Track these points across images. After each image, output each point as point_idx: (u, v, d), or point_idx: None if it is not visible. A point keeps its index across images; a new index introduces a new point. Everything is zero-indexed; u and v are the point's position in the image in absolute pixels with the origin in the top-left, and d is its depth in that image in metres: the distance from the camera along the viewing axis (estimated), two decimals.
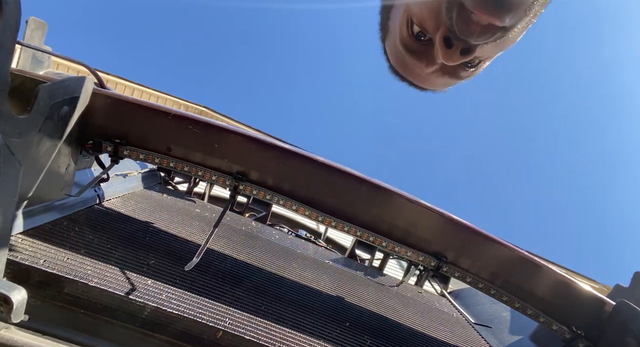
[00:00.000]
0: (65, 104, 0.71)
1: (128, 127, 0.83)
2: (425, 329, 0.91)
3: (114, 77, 4.55)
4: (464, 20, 0.48)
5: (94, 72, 0.98)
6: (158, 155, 0.84)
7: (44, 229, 0.70)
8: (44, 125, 0.65)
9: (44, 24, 1.21)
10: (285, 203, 0.84)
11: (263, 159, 0.83)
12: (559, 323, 0.87)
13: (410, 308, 1.01)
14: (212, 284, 0.72)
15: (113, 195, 0.98)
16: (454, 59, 0.52)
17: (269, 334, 0.63)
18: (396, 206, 0.85)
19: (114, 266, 0.66)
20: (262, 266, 0.90)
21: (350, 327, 0.77)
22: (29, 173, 0.66)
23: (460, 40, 0.50)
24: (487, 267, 0.87)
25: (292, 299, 0.79)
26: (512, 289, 0.87)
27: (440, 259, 0.85)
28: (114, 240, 0.75)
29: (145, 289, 0.62)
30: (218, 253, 0.87)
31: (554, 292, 0.87)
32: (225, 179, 0.84)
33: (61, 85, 0.68)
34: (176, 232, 0.90)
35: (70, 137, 0.76)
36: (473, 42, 0.50)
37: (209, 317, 0.61)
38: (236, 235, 1.05)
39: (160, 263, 0.73)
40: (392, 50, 0.62)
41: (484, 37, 0.49)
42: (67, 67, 3.46)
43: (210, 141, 0.82)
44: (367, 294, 0.99)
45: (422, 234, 0.85)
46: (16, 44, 0.50)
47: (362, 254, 1.55)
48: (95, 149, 0.85)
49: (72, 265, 0.62)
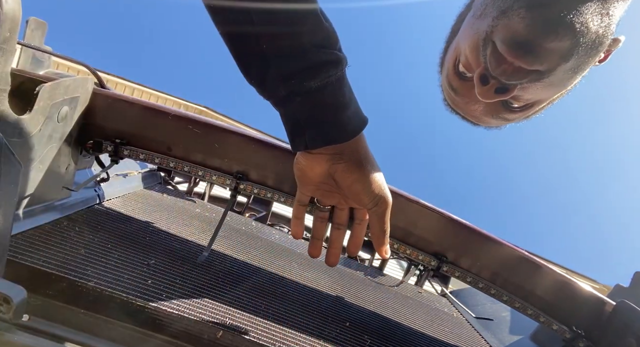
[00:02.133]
0: (65, 104, 0.71)
1: (128, 127, 0.83)
2: (425, 329, 0.91)
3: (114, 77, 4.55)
4: (496, 58, 0.48)
5: (94, 72, 0.98)
6: (158, 155, 0.84)
7: (44, 229, 0.70)
8: (44, 125, 0.66)
9: (44, 24, 1.21)
10: (285, 200, 0.84)
11: (263, 159, 0.83)
12: (559, 323, 0.87)
13: (410, 308, 1.01)
14: (212, 284, 0.72)
15: (113, 195, 0.98)
16: (488, 96, 0.51)
17: (269, 334, 0.63)
18: (396, 206, 0.84)
19: (114, 266, 0.66)
20: (262, 266, 0.90)
21: (350, 327, 0.77)
22: (29, 173, 0.66)
23: (495, 78, 0.50)
24: (487, 267, 0.87)
25: (292, 299, 0.79)
26: (513, 289, 0.87)
27: (440, 259, 0.85)
28: (114, 240, 0.75)
29: (145, 289, 0.62)
30: (218, 253, 0.87)
31: (554, 292, 0.87)
32: (226, 178, 0.84)
33: (61, 85, 0.68)
34: (176, 232, 0.90)
35: (70, 137, 0.76)
36: (505, 81, 0.49)
37: (209, 317, 0.61)
38: (236, 235, 1.05)
39: (160, 263, 0.73)
40: (443, 85, 0.63)
41: (516, 78, 0.48)
42: (67, 67, 3.46)
43: (211, 141, 0.82)
44: (367, 294, 0.99)
45: (422, 234, 0.85)
46: (16, 44, 0.50)
47: (362, 254, 1.55)
48: (96, 149, 0.85)
49: (72, 265, 0.62)
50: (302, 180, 0.52)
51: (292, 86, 0.44)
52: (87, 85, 0.76)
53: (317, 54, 0.43)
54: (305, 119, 0.46)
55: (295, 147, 0.50)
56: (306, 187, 0.53)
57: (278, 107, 0.48)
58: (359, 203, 0.50)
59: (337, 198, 0.53)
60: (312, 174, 0.49)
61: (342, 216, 0.55)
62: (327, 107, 0.45)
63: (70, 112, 0.73)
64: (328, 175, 0.49)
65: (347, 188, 0.49)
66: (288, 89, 0.44)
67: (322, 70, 0.43)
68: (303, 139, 0.47)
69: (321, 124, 0.45)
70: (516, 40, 0.45)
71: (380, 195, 0.49)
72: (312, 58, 0.42)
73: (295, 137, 0.48)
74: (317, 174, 0.49)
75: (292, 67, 0.43)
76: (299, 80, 0.43)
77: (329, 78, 0.43)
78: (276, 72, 0.43)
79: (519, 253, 0.85)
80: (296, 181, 0.54)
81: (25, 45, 1.13)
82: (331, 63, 0.43)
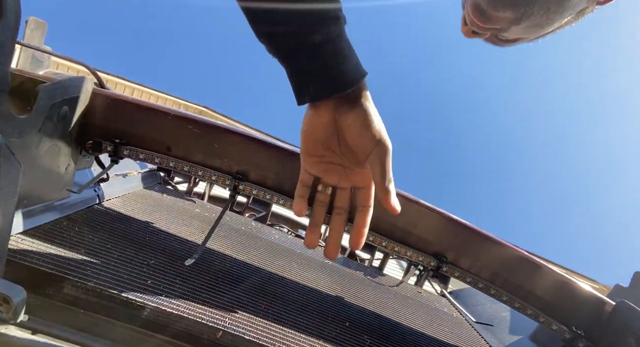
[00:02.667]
0: (65, 104, 0.71)
1: (128, 127, 0.83)
2: (425, 329, 0.91)
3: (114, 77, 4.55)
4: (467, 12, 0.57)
5: (94, 72, 0.98)
6: (158, 155, 0.84)
7: (43, 229, 0.70)
8: (43, 126, 0.65)
9: (44, 24, 1.21)
10: (285, 202, 0.84)
11: (263, 159, 0.83)
12: (559, 323, 0.87)
13: (410, 308, 1.01)
14: (212, 284, 0.72)
15: (113, 195, 0.98)
16: (468, 35, 0.61)
17: (269, 333, 0.63)
18: None
19: (114, 266, 0.66)
20: (262, 266, 0.90)
21: (350, 327, 0.77)
22: (29, 173, 0.66)
23: None
24: (487, 267, 0.87)
25: (292, 299, 0.79)
26: (512, 289, 0.87)
27: (440, 259, 0.86)
28: (114, 240, 0.75)
29: (145, 289, 0.63)
30: (218, 253, 0.87)
31: (554, 292, 0.87)
32: (225, 178, 0.84)
33: (61, 85, 0.68)
34: (176, 232, 0.90)
35: (70, 137, 0.76)
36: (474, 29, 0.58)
37: (209, 317, 0.61)
38: (236, 235, 1.05)
39: (160, 263, 0.73)
40: None
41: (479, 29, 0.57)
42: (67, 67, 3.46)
43: (210, 141, 0.82)
44: (367, 294, 0.99)
45: (422, 234, 0.85)
46: (16, 44, 0.50)
47: (362, 254, 1.55)
48: (95, 149, 0.85)
49: (72, 265, 0.62)
50: (307, 139, 0.53)
51: (297, 42, 0.48)
52: (86, 85, 0.76)
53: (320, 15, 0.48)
54: (309, 72, 0.49)
55: (301, 100, 0.52)
56: (310, 158, 0.54)
57: (284, 63, 0.52)
58: (361, 147, 0.51)
59: (339, 173, 0.55)
60: (319, 123, 0.51)
61: (343, 197, 0.56)
62: (329, 60, 0.49)
63: (70, 112, 0.73)
64: (333, 126, 0.52)
65: (350, 134, 0.51)
66: (294, 44, 0.49)
67: (323, 26, 0.48)
68: (308, 91, 0.50)
69: (324, 76, 0.49)
70: (476, 4, 0.54)
71: (381, 138, 0.51)
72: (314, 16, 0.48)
73: (300, 91, 0.51)
74: (324, 123, 0.51)
75: (298, 25, 0.48)
76: (303, 36, 0.48)
77: (329, 33, 0.48)
78: (284, 29, 0.48)
79: (519, 253, 0.85)
80: (300, 147, 0.55)
81: (25, 45, 1.13)
82: (331, 19, 0.49)
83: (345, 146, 0.53)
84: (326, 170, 0.55)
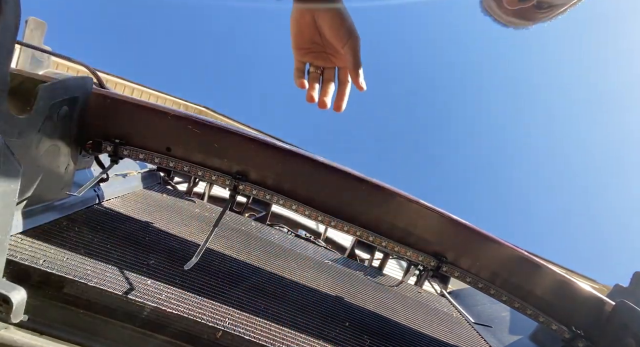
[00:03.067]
0: (65, 104, 0.71)
1: (128, 127, 0.83)
2: (424, 329, 0.91)
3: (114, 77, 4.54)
4: None
5: (93, 72, 0.98)
6: (158, 155, 0.84)
7: (43, 229, 0.70)
8: (43, 126, 0.65)
9: (44, 24, 1.21)
10: (284, 203, 0.84)
11: (263, 159, 0.83)
12: (559, 323, 0.87)
13: (409, 308, 1.01)
14: (212, 284, 0.72)
15: (113, 195, 0.98)
16: (513, 4, 0.64)
17: (268, 334, 0.63)
18: (396, 206, 0.85)
19: (114, 266, 0.66)
20: (261, 266, 0.90)
21: (349, 327, 0.77)
22: (29, 173, 0.66)
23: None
24: (487, 267, 0.87)
25: (291, 299, 0.79)
26: (512, 289, 0.87)
27: (440, 259, 0.86)
28: (114, 240, 0.75)
29: (144, 289, 0.63)
30: (218, 253, 0.87)
31: (554, 292, 0.87)
32: (225, 179, 0.84)
33: (61, 85, 0.68)
34: (176, 232, 0.90)
35: (70, 137, 0.76)
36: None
37: (208, 317, 0.61)
38: (236, 235, 1.05)
39: (160, 263, 0.73)
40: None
41: None
42: (67, 67, 3.46)
43: (210, 141, 0.82)
44: (367, 294, 0.99)
45: (422, 234, 0.85)
46: (16, 44, 0.50)
47: (361, 254, 1.55)
48: (95, 149, 0.85)
49: (72, 265, 0.62)
50: (296, 36, 0.65)
51: None
52: (86, 85, 0.76)
53: None
54: None
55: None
56: (300, 50, 0.65)
57: None
58: (337, 40, 0.62)
59: (324, 58, 0.67)
60: (303, 23, 0.62)
61: (330, 73, 0.69)
62: None
63: (70, 112, 0.73)
64: (314, 24, 0.62)
65: (327, 30, 0.62)
66: None
67: None
68: None
69: None
70: None
71: (351, 31, 0.62)
72: None
73: None
74: (307, 23, 0.62)
75: None
76: None
77: None
78: None
79: (519, 253, 0.85)
80: (291, 43, 0.66)
81: (24, 45, 1.13)
82: None
83: (325, 39, 0.64)
84: (314, 58, 0.67)
